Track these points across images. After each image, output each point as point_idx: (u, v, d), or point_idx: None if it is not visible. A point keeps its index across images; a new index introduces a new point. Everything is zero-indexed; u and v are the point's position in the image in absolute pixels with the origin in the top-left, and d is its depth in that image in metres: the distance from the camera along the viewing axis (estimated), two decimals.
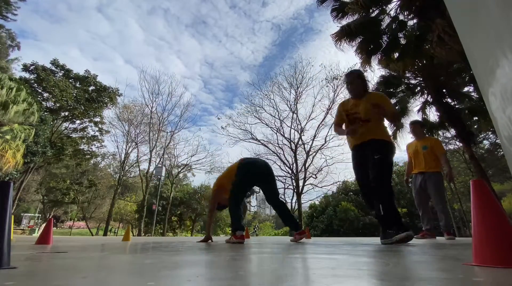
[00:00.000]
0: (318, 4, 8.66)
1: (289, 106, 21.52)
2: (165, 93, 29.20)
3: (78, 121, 20.50)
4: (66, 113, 19.25)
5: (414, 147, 4.09)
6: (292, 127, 21.44)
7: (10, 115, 11.39)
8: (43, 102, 16.88)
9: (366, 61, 8.70)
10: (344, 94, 19.57)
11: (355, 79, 2.69)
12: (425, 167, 3.88)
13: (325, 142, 20.45)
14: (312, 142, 20.80)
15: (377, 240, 4.01)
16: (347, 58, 42.32)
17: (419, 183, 3.93)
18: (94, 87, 19.99)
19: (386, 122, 2.73)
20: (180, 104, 28.73)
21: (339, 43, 8.50)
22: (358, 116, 2.58)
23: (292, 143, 21.24)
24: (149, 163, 24.21)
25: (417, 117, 10.75)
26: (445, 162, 3.82)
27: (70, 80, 19.10)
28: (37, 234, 16.48)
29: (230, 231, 3.27)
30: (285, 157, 21.55)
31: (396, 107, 10.78)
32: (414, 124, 4.27)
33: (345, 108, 2.75)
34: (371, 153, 2.47)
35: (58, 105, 18.06)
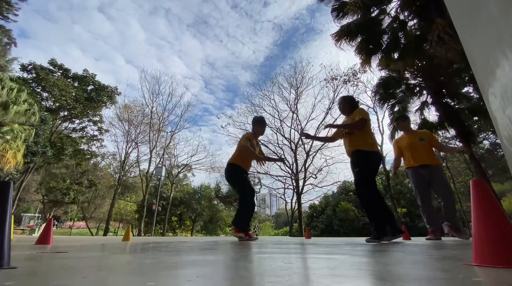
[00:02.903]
0: (318, 1, 8.69)
1: (289, 106, 21.56)
2: (165, 93, 29.26)
3: (77, 121, 20.49)
4: (65, 113, 19.23)
5: (407, 141, 3.79)
6: (292, 127, 21.43)
7: (10, 116, 11.39)
8: (42, 102, 16.86)
9: (366, 61, 8.71)
10: (343, 95, 19.57)
11: (342, 103, 3.33)
12: (428, 160, 3.59)
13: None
14: (312, 142, 20.78)
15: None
16: (348, 58, 42.42)
17: (424, 176, 3.57)
18: (93, 87, 19.97)
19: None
20: (180, 104, 28.78)
21: (339, 42, 8.51)
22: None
23: (292, 143, 21.24)
24: (149, 163, 24.22)
25: (416, 117, 10.77)
26: (448, 148, 3.97)
27: (69, 80, 19.08)
28: (37, 234, 16.47)
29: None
30: (285, 157, 21.54)
31: (396, 108, 10.79)
32: (397, 119, 4.08)
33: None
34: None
35: (57, 104, 18.04)
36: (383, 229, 2.65)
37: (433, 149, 3.78)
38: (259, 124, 3.82)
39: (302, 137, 3.56)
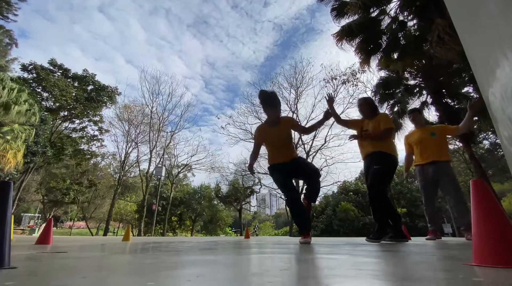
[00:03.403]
0: (318, 1, 8.70)
1: (289, 106, 21.55)
2: (165, 93, 29.30)
3: (77, 121, 20.50)
4: (65, 113, 19.25)
5: (418, 136, 3.59)
6: None
7: (12, 116, 11.40)
8: (42, 102, 16.88)
9: (365, 61, 8.71)
10: (343, 94, 19.61)
11: (363, 104, 3.19)
12: (437, 156, 3.41)
13: (325, 142, 20.48)
14: (312, 142, 20.82)
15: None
16: (348, 58, 42.42)
17: (431, 175, 3.42)
18: (93, 87, 19.99)
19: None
20: (180, 104, 28.84)
21: (340, 42, 8.52)
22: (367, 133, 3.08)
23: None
24: (149, 163, 24.23)
25: None
26: (465, 122, 3.26)
27: (69, 80, 19.10)
28: (37, 234, 16.47)
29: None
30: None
31: (395, 108, 10.79)
32: (413, 112, 3.84)
33: (360, 125, 3.21)
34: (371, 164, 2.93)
35: (57, 104, 18.05)
36: (384, 230, 2.71)
37: (447, 143, 3.59)
38: (267, 105, 2.79)
39: (326, 97, 3.55)
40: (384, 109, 11.38)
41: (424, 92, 10.25)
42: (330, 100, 3.30)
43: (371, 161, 2.95)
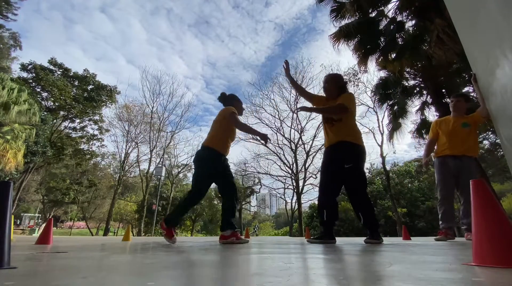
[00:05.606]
0: (317, 2, 8.70)
1: (289, 106, 21.56)
2: (166, 93, 29.26)
3: (77, 120, 20.50)
4: (65, 113, 19.25)
5: (449, 124, 3.33)
6: (292, 127, 21.46)
7: (12, 116, 11.40)
8: (42, 102, 16.89)
9: (363, 61, 8.70)
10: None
11: (328, 81, 2.81)
12: (463, 149, 3.18)
13: None
14: (312, 142, 20.83)
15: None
16: (349, 58, 42.39)
17: (452, 169, 3.21)
18: (93, 86, 19.98)
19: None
20: (181, 104, 28.84)
21: (337, 44, 8.52)
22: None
23: (292, 143, 21.27)
24: (149, 163, 24.22)
25: (416, 117, 10.77)
26: (483, 108, 2.65)
27: (69, 79, 19.10)
28: (37, 234, 16.47)
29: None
30: (285, 157, 21.57)
31: (395, 108, 10.78)
32: (458, 96, 3.50)
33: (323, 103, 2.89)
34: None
35: (57, 104, 18.05)
36: (377, 227, 2.55)
37: (477, 135, 3.35)
38: (239, 100, 3.06)
39: (283, 65, 2.94)
40: (383, 109, 11.38)
41: (424, 92, 10.25)
42: (286, 66, 3.05)
43: (336, 153, 2.57)
